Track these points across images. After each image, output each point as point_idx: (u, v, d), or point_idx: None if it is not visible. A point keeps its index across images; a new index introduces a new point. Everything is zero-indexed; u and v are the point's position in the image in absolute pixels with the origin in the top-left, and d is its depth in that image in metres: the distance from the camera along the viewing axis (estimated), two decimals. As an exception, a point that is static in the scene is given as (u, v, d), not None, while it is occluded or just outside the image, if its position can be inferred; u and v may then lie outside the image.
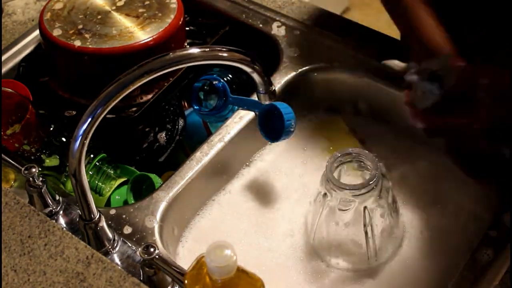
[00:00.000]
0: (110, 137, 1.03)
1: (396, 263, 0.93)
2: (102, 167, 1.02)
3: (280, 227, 0.99)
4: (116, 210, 0.93)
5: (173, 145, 1.08)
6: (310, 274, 0.93)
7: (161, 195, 0.94)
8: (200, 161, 0.98)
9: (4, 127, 1.00)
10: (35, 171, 0.88)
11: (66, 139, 1.01)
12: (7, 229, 0.84)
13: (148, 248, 0.79)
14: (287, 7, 1.19)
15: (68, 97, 1.07)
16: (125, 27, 1.03)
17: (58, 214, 0.92)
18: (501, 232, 0.86)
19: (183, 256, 0.95)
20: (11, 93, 1.02)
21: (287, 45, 1.13)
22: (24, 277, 0.79)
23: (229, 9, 1.20)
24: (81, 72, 1.05)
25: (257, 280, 0.74)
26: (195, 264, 0.75)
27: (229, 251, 0.69)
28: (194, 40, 1.13)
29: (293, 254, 0.95)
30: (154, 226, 0.90)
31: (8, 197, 0.88)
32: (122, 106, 1.03)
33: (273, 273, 0.93)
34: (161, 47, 1.02)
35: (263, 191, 1.03)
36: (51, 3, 1.08)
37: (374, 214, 0.88)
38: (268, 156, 1.08)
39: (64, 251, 0.81)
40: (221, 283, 0.71)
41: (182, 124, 1.10)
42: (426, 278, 0.91)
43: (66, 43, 1.01)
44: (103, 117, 0.76)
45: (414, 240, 0.95)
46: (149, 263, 0.80)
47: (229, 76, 1.10)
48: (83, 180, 0.79)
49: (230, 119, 1.03)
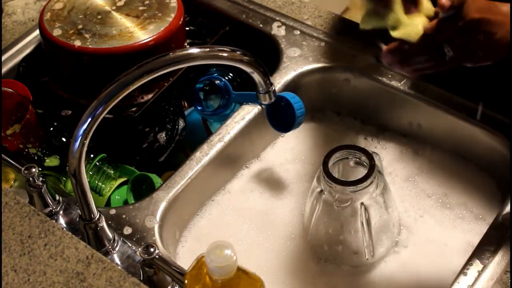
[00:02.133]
0: (110, 137, 1.03)
1: (394, 260, 0.94)
2: (102, 167, 1.02)
3: (280, 226, 0.99)
4: (116, 210, 0.93)
5: (173, 145, 1.08)
6: (308, 272, 0.93)
7: (161, 195, 0.94)
8: (200, 161, 0.98)
9: (4, 127, 1.00)
10: (35, 171, 0.88)
11: (66, 139, 1.01)
12: (7, 229, 0.84)
13: (148, 248, 0.79)
14: (287, 7, 1.19)
15: (68, 97, 1.07)
16: (125, 27, 1.03)
17: (58, 214, 0.92)
18: (501, 232, 0.86)
19: (183, 256, 0.95)
20: (11, 93, 1.02)
21: (287, 45, 1.13)
22: (24, 277, 0.79)
23: (229, 9, 1.20)
24: (81, 72, 1.05)
25: (257, 280, 0.74)
26: (195, 264, 0.75)
27: (229, 251, 0.69)
28: (194, 40, 1.14)
29: (292, 253, 0.95)
30: (154, 226, 0.90)
31: (8, 197, 0.88)
32: (122, 106, 1.03)
33: (272, 272, 0.93)
34: (161, 47, 1.02)
35: (263, 191, 1.03)
36: (51, 3, 1.08)
37: (371, 210, 0.88)
38: (268, 156, 1.08)
39: (64, 251, 0.81)
40: (221, 283, 0.71)
41: (182, 124, 1.10)
42: (425, 277, 0.91)
43: (66, 43, 1.01)
44: (103, 117, 0.76)
45: (412, 238, 0.95)
46: (149, 263, 0.80)
47: (230, 75, 1.11)
48: (83, 180, 0.79)
49: (230, 119, 1.03)
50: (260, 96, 0.91)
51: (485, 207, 0.97)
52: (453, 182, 1.00)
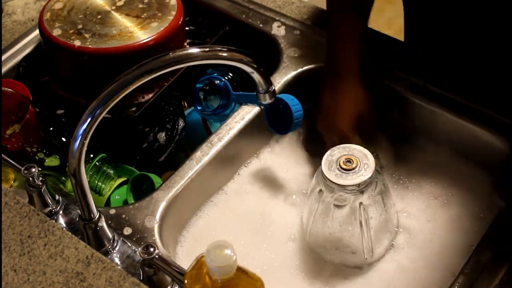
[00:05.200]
0: (110, 137, 1.03)
1: (393, 260, 0.93)
2: (102, 167, 1.02)
3: (279, 226, 0.99)
4: (116, 210, 0.93)
5: (173, 145, 1.08)
6: (307, 272, 0.93)
7: (161, 195, 0.94)
8: (200, 161, 0.98)
9: (4, 127, 1.00)
10: (35, 171, 0.88)
11: (66, 139, 1.01)
12: (7, 229, 0.84)
13: (148, 248, 0.79)
14: (287, 7, 1.19)
15: (68, 97, 1.07)
16: (125, 27, 1.03)
17: (58, 214, 0.92)
18: (501, 232, 0.86)
19: (183, 256, 0.95)
20: (11, 93, 1.02)
21: (287, 45, 1.13)
22: (24, 277, 0.79)
23: (229, 9, 1.20)
24: (81, 72, 1.05)
25: (257, 280, 0.74)
26: (195, 264, 0.75)
27: (229, 250, 0.69)
28: (194, 40, 1.14)
29: (291, 253, 0.95)
30: (154, 226, 0.90)
31: (8, 197, 0.88)
32: (122, 106, 1.03)
33: (272, 272, 0.93)
34: (161, 47, 1.02)
35: (262, 191, 1.03)
36: (51, 3, 1.08)
37: (370, 210, 0.88)
38: (268, 155, 1.08)
39: (64, 251, 0.81)
40: (221, 283, 0.71)
41: (182, 124, 1.10)
42: (424, 276, 0.91)
43: (66, 43, 1.01)
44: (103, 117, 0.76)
45: (412, 238, 0.95)
46: (149, 263, 0.80)
47: (230, 75, 1.11)
48: (83, 180, 0.79)
49: (230, 119, 1.03)
50: (260, 96, 0.91)
51: (485, 207, 0.97)
52: (453, 182, 1.00)
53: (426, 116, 1.03)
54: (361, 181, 0.86)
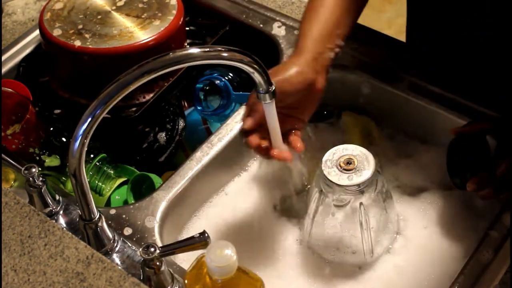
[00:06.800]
0: (110, 137, 1.03)
1: (393, 259, 0.93)
2: (102, 167, 1.02)
3: (279, 226, 0.99)
4: (116, 210, 0.93)
5: (173, 145, 1.08)
6: (308, 272, 0.93)
7: (161, 195, 0.94)
8: (200, 161, 0.98)
9: (4, 127, 1.00)
10: (35, 171, 0.88)
11: (66, 139, 1.01)
12: (7, 229, 0.84)
13: (148, 248, 0.79)
14: (287, 7, 1.19)
15: (68, 97, 1.07)
16: (125, 27, 1.03)
17: (58, 214, 0.92)
18: (501, 232, 0.86)
19: (183, 256, 0.95)
20: (11, 93, 1.02)
21: (287, 45, 1.13)
22: (24, 277, 0.79)
23: (229, 9, 1.20)
24: (81, 72, 1.05)
25: (257, 280, 0.74)
26: (195, 264, 0.75)
27: (229, 251, 0.69)
28: (194, 40, 1.14)
29: (291, 253, 0.95)
30: (154, 226, 0.90)
31: (8, 197, 0.88)
32: (122, 106, 1.03)
33: (272, 272, 0.93)
34: (161, 47, 1.02)
35: (262, 191, 1.03)
36: (51, 3, 1.08)
37: (370, 210, 0.88)
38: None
39: (64, 251, 0.81)
40: (221, 283, 0.71)
41: (182, 124, 1.10)
42: (424, 276, 0.91)
43: (66, 43, 1.01)
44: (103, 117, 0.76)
45: (412, 238, 0.95)
46: (149, 263, 0.80)
47: (230, 75, 1.11)
48: (83, 180, 0.79)
49: (230, 119, 1.03)
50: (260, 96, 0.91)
51: (485, 207, 0.97)
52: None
53: (426, 116, 1.04)
54: (361, 181, 0.86)
